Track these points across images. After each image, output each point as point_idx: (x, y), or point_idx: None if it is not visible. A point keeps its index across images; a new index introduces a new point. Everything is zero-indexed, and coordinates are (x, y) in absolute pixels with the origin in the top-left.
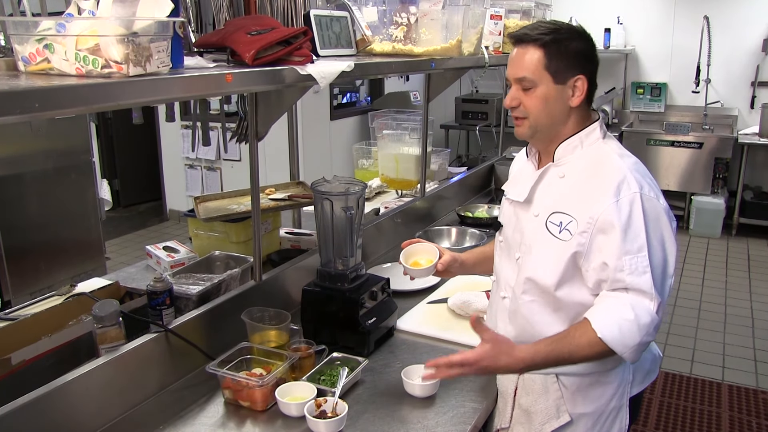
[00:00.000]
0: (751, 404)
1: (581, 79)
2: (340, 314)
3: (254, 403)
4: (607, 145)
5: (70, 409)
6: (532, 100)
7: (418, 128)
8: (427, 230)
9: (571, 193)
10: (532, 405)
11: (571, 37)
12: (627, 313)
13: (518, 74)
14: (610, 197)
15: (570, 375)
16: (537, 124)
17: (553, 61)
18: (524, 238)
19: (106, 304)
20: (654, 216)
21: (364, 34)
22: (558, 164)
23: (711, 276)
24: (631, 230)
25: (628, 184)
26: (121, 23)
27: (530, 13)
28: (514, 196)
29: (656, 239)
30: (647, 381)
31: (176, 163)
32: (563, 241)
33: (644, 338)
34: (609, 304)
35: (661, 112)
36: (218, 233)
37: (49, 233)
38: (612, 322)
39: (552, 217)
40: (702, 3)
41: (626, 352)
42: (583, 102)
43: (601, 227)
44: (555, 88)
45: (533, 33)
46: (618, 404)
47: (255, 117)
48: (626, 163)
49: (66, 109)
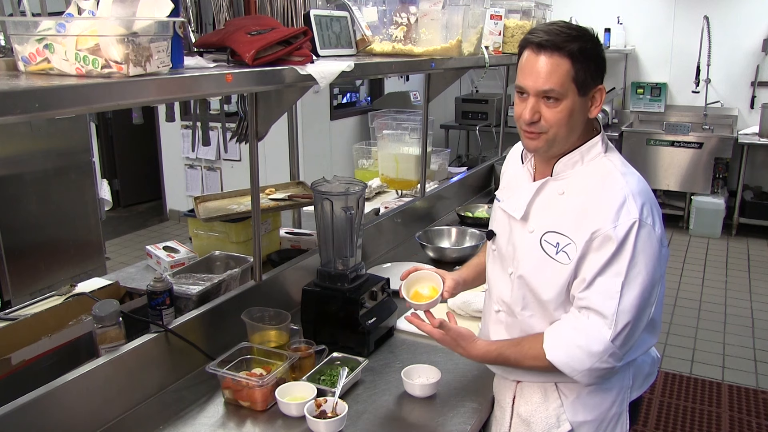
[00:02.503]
0: (751, 404)
1: (601, 89)
2: (340, 314)
3: (254, 403)
4: (609, 160)
5: (70, 409)
6: (557, 114)
7: (418, 128)
8: (427, 230)
9: (569, 213)
10: (531, 415)
11: (594, 45)
12: (578, 339)
13: (543, 86)
14: (609, 222)
15: (570, 382)
16: (556, 138)
17: (581, 73)
18: (517, 253)
19: (106, 304)
20: (645, 246)
21: (364, 34)
22: (557, 179)
23: (711, 276)
24: (618, 254)
25: (628, 210)
26: (121, 23)
27: (530, 13)
28: (509, 209)
29: (640, 268)
30: (646, 384)
31: (176, 163)
32: (561, 264)
33: (596, 364)
34: (565, 324)
35: (661, 112)
36: (218, 233)
37: (49, 233)
38: (561, 345)
39: (547, 236)
40: (702, 3)
41: (576, 375)
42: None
43: (595, 248)
44: (579, 100)
45: (558, 39)
46: (618, 410)
47: (255, 117)
48: (628, 184)
49: (66, 109)
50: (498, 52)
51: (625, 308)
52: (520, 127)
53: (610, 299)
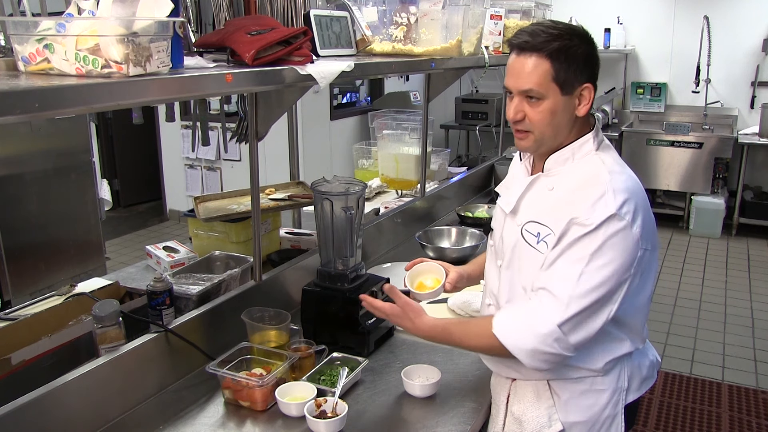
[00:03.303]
0: (751, 404)
1: (588, 87)
2: (340, 314)
3: (254, 403)
4: (599, 158)
5: (70, 409)
6: (539, 113)
7: (418, 128)
8: (427, 230)
9: (555, 207)
10: (523, 413)
11: (576, 42)
12: (526, 318)
13: (523, 86)
14: (584, 212)
15: (562, 380)
16: (543, 137)
17: (561, 72)
18: (504, 245)
19: (106, 304)
20: (616, 239)
21: (364, 34)
22: (548, 175)
23: (711, 276)
24: (585, 241)
25: (606, 203)
26: (121, 23)
27: (530, 13)
28: (502, 204)
29: (605, 260)
30: (644, 388)
31: (176, 163)
32: (541, 253)
33: (540, 346)
34: (518, 305)
35: (661, 112)
36: (218, 233)
37: (49, 233)
38: (508, 320)
39: (528, 225)
40: (702, 3)
41: (520, 354)
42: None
43: (566, 234)
44: (562, 99)
45: (536, 41)
46: (612, 412)
47: (255, 117)
48: (612, 180)
49: (66, 109)
50: (498, 52)
51: (579, 294)
52: (511, 126)
53: (565, 281)
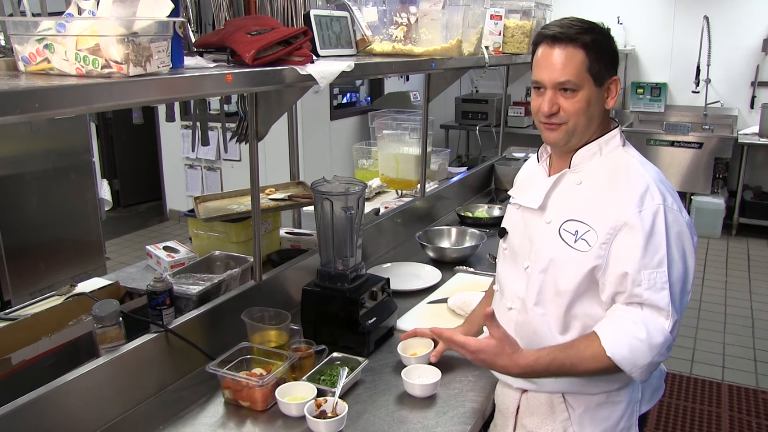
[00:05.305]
0: (751, 404)
1: (616, 80)
2: (340, 314)
3: (254, 403)
4: (627, 153)
5: (70, 409)
6: (575, 104)
7: (418, 128)
8: (427, 230)
9: (588, 202)
10: (537, 427)
11: (606, 36)
12: (639, 332)
13: (559, 78)
14: (633, 207)
15: (578, 394)
16: (575, 129)
17: (594, 63)
18: (534, 246)
19: (106, 304)
20: (676, 230)
21: (364, 34)
22: (575, 171)
23: (711, 276)
24: (653, 243)
25: (652, 195)
26: (121, 23)
27: (530, 13)
28: (525, 202)
29: (678, 254)
30: (655, 398)
31: (176, 163)
32: (580, 251)
33: (655, 358)
34: (621, 320)
35: (661, 112)
36: (218, 233)
37: (49, 233)
38: (622, 339)
39: (566, 225)
40: (702, 3)
41: (635, 372)
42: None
43: (623, 238)
44: (596, 91)
45: (570, 32)
46: (627, 425)
47: (255, 117)
48: (649, 173)
49: (66, 109)
50: (498, 52)
51: (675, 298)
52: (539, 120)
53: (661, 290)
